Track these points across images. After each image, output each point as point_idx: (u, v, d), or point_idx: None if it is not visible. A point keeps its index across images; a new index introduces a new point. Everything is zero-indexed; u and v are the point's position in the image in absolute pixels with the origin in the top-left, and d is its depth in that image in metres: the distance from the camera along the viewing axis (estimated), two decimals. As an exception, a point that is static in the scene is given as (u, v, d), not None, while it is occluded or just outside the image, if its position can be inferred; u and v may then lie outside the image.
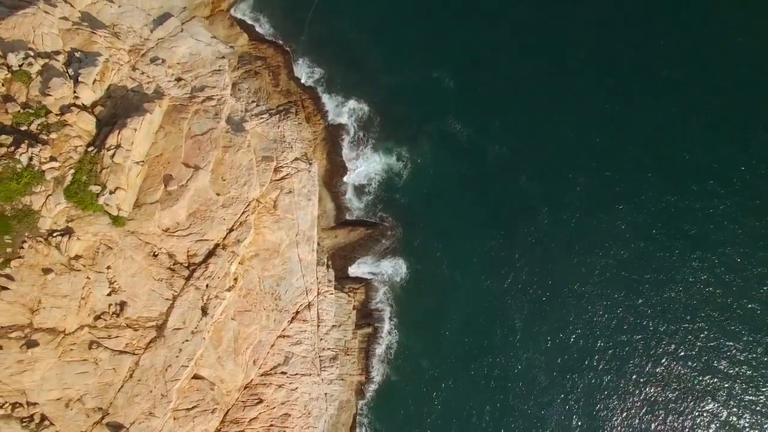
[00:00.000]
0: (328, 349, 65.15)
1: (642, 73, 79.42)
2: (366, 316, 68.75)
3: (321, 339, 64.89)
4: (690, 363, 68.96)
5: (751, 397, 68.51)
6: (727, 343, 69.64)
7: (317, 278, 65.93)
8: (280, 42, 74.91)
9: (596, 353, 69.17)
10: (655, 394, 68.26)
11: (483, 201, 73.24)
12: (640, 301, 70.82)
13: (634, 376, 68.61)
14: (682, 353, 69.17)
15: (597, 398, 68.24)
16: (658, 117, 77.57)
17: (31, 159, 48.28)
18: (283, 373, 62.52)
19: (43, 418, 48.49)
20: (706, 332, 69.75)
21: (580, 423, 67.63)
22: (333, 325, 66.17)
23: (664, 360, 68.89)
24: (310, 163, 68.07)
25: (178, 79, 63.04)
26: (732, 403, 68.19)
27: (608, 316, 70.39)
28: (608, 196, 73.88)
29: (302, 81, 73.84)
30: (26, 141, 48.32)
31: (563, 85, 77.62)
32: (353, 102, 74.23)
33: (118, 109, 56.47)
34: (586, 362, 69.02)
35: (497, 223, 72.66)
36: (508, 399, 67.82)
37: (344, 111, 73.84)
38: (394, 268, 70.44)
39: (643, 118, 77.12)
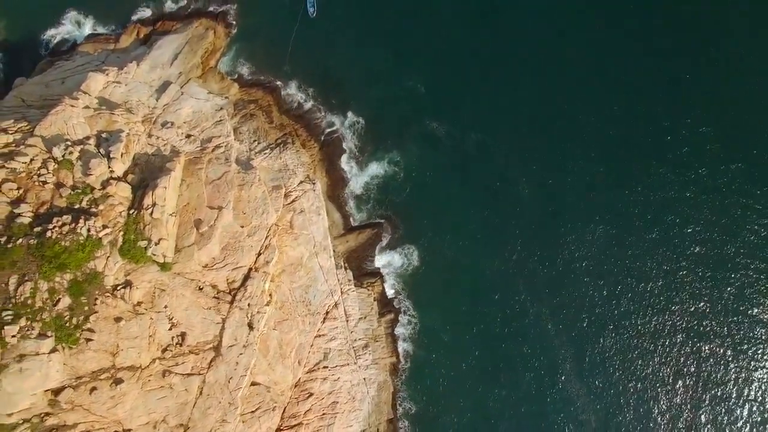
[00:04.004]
0: (359, 339, 71.37)
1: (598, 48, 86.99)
2: (386, 304, 75.10)
3: (351, 332, 71.03)
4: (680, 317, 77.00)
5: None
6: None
7: (338, 280, 71.88)
8: (267, 82, 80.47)
9: (592, 299, 76.99)
10: (643, 340, 76.37)
11: (469, 184, 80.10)
12: (618, 249, 78.62)
13: (627, 320, 76.69)
14: (677, 301, 77.18)
15: (598, 340, 75.94)
16: (620, 79, 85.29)
17: (89, 230, 54.44)
18: (325, 367, 68.69)
19: (138, 440, 54.94)
20: (694, 281, 77.76)
21: (585, 361, 75.28)
22: (359, 318, 72.33)
23: (654, 313, 76.92)
24: (314, 183, 73.87)
25: (188, 136, 68.49)
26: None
27: (596, 268, 78.12)
28: (580, 162, 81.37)
29: (292, 113, 79.29)
30: (82, 217, 54.62)
31: (518, 70, 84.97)
32: (341, 121, 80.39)
33: (144, 173, 62.09)
34: (585, 307, 76.65)
35: (485, 201, 79.62)
36: (522, 350, 75.31)
37: (334, 130, 79.74)
38: (403, 257, 76.86)
39: (607, 87, 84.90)
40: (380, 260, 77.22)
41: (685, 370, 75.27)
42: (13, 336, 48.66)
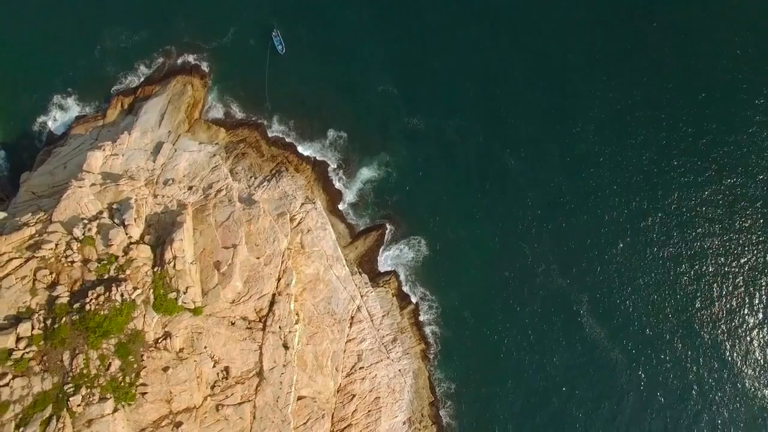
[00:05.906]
0: (387, 334, 75.48)
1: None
2: (405, 297, 79.25)
3: (378, 330, 75.06)
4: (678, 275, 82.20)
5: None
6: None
7: (356, 285, 75.76)
8: (251, 121, 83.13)
9: (595, 247, 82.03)
10: (648, 275, 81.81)
11: (458, 167, 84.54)
12: (606, 198, 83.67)
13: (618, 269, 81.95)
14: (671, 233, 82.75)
15: (608, 283, 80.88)
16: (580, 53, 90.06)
17: (122, 295, 57.95)
18: (361, 368, 72.92)
19: (206, 472, 58.81)
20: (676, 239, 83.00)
21: (600, 305, 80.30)
22: (383, 315, 76.39)
23: (651, 248, 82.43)
24: (314, 202, 77.18)
25: (190, 188, 71.50)
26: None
27: (591, 219, 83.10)
28: (551, 131, 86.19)
29: (280, 142, 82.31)
30: (113, 284, 58.34)
31: (478, 53, 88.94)
32: (327, 139, 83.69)
33: (159, 231, 65.34)
34: (590, 256, 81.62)
35: (476, 179, 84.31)
36: (540, 309, 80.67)
37: (322, 149, 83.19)
38: (412, 249, 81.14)
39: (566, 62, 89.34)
40: (391, 257, 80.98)
41: (698, 295, 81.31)
42: (78, 405, 52.92)
